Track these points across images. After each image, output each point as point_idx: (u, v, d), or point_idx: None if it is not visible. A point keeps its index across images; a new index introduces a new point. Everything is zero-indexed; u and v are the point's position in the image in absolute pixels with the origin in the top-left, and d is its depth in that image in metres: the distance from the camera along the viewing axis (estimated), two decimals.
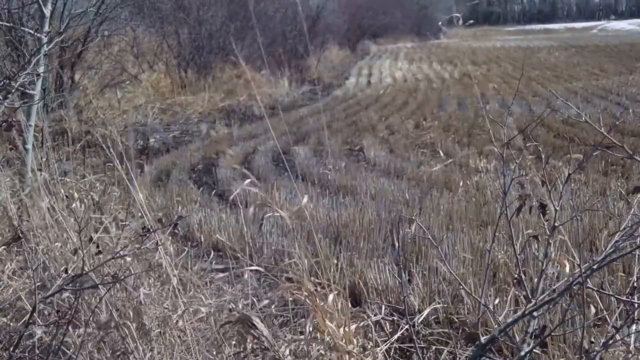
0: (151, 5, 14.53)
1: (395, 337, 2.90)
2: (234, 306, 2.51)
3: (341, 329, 2.18)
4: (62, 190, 3.70)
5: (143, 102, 12.40)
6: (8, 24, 7.02)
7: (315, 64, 21.97)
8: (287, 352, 2.09)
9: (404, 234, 4.46)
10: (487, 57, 26.32)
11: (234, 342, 2.47)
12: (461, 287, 3.12)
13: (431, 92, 15.88)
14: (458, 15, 2.48)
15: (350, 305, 2.45)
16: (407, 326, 2.90)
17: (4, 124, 3.12)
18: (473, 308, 3.23)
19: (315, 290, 2.20)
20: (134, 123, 11.17)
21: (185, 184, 6.94)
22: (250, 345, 2.15)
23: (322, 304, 2.16)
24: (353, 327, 2.33)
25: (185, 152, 9.12)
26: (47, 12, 4.71)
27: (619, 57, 22.39)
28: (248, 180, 2.27)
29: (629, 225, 2.12)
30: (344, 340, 2.15)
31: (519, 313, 2.17)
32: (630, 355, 2.12)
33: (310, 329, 2.23)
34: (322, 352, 2.11)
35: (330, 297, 2.19)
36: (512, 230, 2.33)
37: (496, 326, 2.29)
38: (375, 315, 3.19)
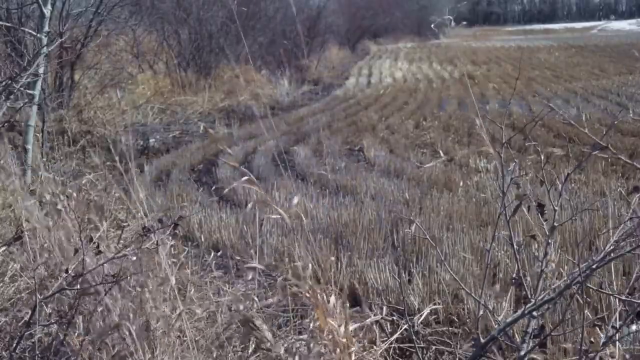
0: (151, 4, 14.52)
1: (394, 337, 2.90)
2: (235, 308, 2.50)
3: (341, 328, 2.18)
4: (62, 190, 3.70)
5: (143, 102, 12.40)
6: (8, 24, 7.02)
7: (315, 64, 21.98)
8: (283, 351, 2.08)
9: (404, 234, 4.46)
10: (487, 57, 26.32)
11: (234, 344, 2.46)
12: (461, 287, 3.12)
13: (431, 92, 15.89)
14: (450, 17, 2.45)
15: (349, 305, 2.45)
16: (405, 326, 2.91)
17: (6, 124, 3.12)
18: (473, 308, 3.24)
19: (319, 288, 2.19)
20: (134, 123, 11.16)
21: (186, 184, 6.94)
22: (253, 346, 2.14)
23: (322, 302, 2.15)
24: (354, 326, 2.33)
25: (185, 152, 9.12)
26: (47, 12, 4.71)
27: (619, 57, 22.39)
28: (245, 178, 2.26)
29: (628, 224, 2.12)
30: (345, 340, 2.15)
31: (519, 313, 2.18)
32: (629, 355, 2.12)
33: (311, 327, 2.22)
34: (323, 350, 2.10)
35: (332, 298, 2.18)
36: (511, 230, 2.33)
37: (496, 326, 2.30)
38: (375, 315, 3.19)
